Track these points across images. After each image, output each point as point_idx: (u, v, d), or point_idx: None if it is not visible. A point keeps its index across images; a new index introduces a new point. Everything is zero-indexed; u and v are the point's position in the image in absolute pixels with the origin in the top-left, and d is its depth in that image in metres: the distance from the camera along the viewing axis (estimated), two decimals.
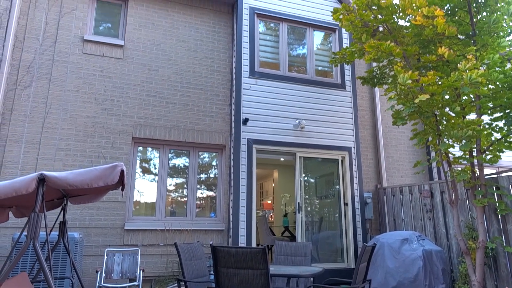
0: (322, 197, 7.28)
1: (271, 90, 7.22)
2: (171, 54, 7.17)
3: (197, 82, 7.21)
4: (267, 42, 7.56)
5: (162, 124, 6.80)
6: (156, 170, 6.78)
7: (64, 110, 6.31)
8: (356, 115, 7.64)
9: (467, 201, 5.73)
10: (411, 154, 8.46)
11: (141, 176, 6.69)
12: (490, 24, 5.38)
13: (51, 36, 6.52)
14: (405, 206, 6.95)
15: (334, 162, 7.40)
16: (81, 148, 6.26)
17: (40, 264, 2.69)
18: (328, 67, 7.90)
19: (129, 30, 7.01)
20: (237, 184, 6.54)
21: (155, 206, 6.61)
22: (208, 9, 7.63)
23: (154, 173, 6.77)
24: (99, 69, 6.67)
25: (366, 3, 5.76)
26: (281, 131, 7.08)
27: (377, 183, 7.93)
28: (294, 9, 7.79)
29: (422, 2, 5.24)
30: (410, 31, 5.91)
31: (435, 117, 5.51)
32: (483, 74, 4.63)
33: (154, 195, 6.66)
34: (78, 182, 2.89)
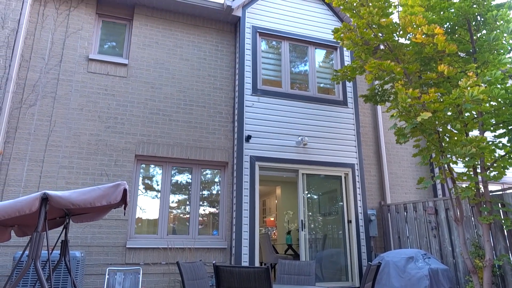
0: (325, 214, 7.22)
1: (274, 107, 7.26)
2: (174, 72, 7.25)
3: (200, 99, 7.27)
4: (269, 60, 7.65)
5: (165, 141, 6.83)
6: (158, 188, 6.76)
7: (68, 128, 6.36)
8: (358, 132, 7.65)
9: (473, 218, 5.67)
10: (415, 170, 8.42)
11: (143, 193, 6.68)
12: (490, 42, 5.43)
13: (56, 56, 6.62)
14: (409, 223, 6.87)
15: (337, 179, 7.37)
16: (84, 166, 6.28)
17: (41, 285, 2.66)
18: (330, 84, 7.96)
19: (133, 49, 7.12)
20: (240, 202, 6.51)
21: (158, 224, 6.57)
22: (211, 28, 7.76)
23: (157, 190, 6.75)
24: (103, 87, 6.75)
25: (366, 22, 5.85)
26: (283, 148, 7.08)
27: (380, 200, 7.88)
28: (295, 28, 7.91)
29: (422, 20, 5.31)
30: (410, 49, 5.97)
31: (438, 134, 5.51)
32: (485, 91, 4.65)
33: (156, 212, 6.63)
34: (81, 201, 2.88)
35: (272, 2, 7.90)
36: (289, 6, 8.02)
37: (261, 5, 7.79)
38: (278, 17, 7.85)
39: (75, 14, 6.91)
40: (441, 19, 5.88)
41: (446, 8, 5.89)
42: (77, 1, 6.98)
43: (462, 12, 5.66)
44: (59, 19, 6.80)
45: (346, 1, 6.06)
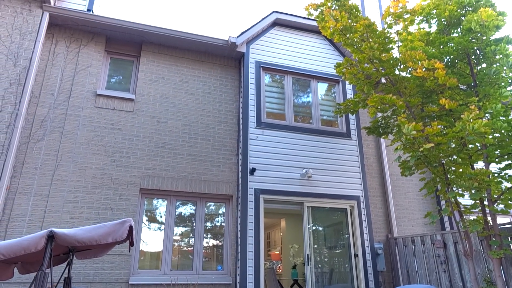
0: (331, 247, 7.09)
1: (278, 140, 7.32)
2: (180, 107, 7.39)
3: (204, 133, 7.36)
4: (273, 94, 7.79)
5: (169, 174, 6.85)
6: (162, 221, 6.72)
7: (74, 162, 6.42)
8: (363, 164, 7.65)
9: (483, 252, 5.55)
10: (421, 202, 8.33)
11: (147, 227, 6.62)
12: (490, 75, 5.52)
13: (65, 92, 6.79)
14: (418, 257, 6.73)
15: (343, 212, 7.30)
16: (88, 200, 6.28)
17: None
18: (333, 116, 8.05)
19: (140, 84, 7.29)
20: (245, 235, 6.43)
21: (161, 258, 6.47)
22: (216, 64, 7.97)
23: (161, 224, 6.70)
24: (110, 122, 6.87)
25: (367, 57, 6.00)
26: (288, 180, 7.07)
27: (387, 232, 7.75)
28: (298, 62, 8.10)
29: (421, 55, 5.44)
30: (412, 82, 6.07)
31: (443, 166, 5.50)
32: (487, 123, 4.69)
33: (160, 246, 6.54)
34: (86, 239, 2.88)
35: (275, 38, 8.15)
36: (292, 41, 8.26)
37: (265, 41, 8.03)
38: (281, 52, 8.07)
39: (85, 52, 7.15)
40: (441, 53, 6.02)
41: (445, 43, 6.04)
42: (87, 39, 7.23)
43: (461, 47, 5.80)
44: (69, 57, 7.02)
45: (347, 37, 6.24)
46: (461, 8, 6.04)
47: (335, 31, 6.16)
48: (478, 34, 5.62)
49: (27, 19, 6.70)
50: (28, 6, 6.78)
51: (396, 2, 6.08)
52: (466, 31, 5.69)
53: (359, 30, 5.99)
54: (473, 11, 5.94)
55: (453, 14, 5.97)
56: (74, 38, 7.18)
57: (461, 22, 6.07)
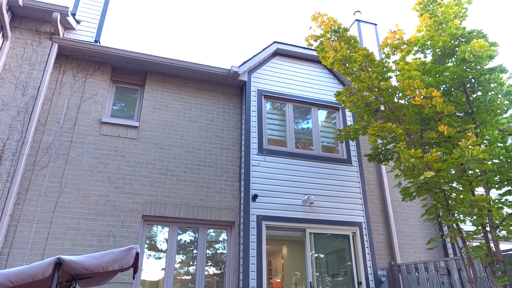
0: (334, 275, 7.02)
1: (279, 167, 7.40)
2: (183, 134, 7.51)
3: (207, 159, 7.44)
4: (274, 121, 7.94)
5: (172, 201, 6.88)
6: (164, 248, 6.69)
7: (77, 189, 6.47)
8: (364, 190, 7.70)
9: (487, 279, 5.51)
10: (423, 228, 8.31)
11: (149, 254, 6.59)
12: (486, 103, 5.68)
13: (71, 119, 6.93)
14: (422, 285, 6.65)
15: (345, 238, 7.28)
16: (91, 227, 6.28)
17: None
18: (333, 143, 8.17)
19: (144, 112, 7.45)
20: (247, 262, 6.39)
21: (162, 286, 6.40)
22: (218, 92, 8.17)
23: (163, 251, 6.67)
24: (114, 149, 6.97)
25: (367, 85, 6.18)
26: (290, 206, 7.10)
27: (390, 259, 7.69)
28: (299, 91, 8.31)
29: (419, 84, 5.62)
30: (410, 110, 6.23)
31: (443, 192, 5.56)
32: (485, 150, 4.79)
33: (161, 273, 6.48)
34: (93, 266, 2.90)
35: (276, 67, 8.39)
36: (292, 70, 8.50)
37: (266, 70, 8.26)
38: (282, 81, 8.28)
39: (91, 81, 7.35)
40: (437, 82, 6.21)
41: (441, 72, 6.25)
42: (94, 69, 7.45)
43: (456, 76, 5.99)
44: (76, 86, 7.21)
45: (346, 66, 6.45)
46: (454, 39, 6.29)
47: (335, 61, 6.37)
48: (472, 63, 5.83)
49: (37, 50, 6.93)
50: (38, 38, 7.04)
51: (393, 33, 6.33)
52: (461, 61, 5.90)
53: (358, 60, 6.20)
54: (466, 42, 6.18)
55: (447, 45, 6.21)
56: (81, 67, 7.40)
57: (455, 52, 6.31)
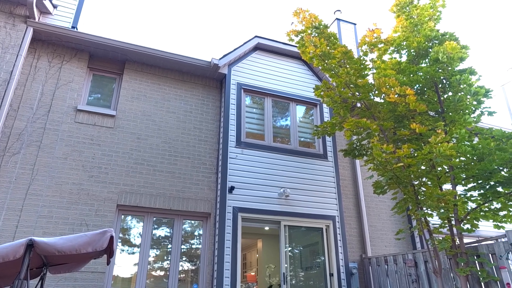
0: (307, 268, 7.17)
1: (257, 160, 7.47)
2: (160, 124, 7.46)
3: (184, 151, 7.43)
4: (253, 114, 8.00)
5: (148, 191, 6.84)
6: (139, 238, 6.65)
7: (50, 177, 6.33)
8: (338, 185, 7.88)
9: (451, 270, 5.78)
10: (393, 223, 8.59)
11: (123, 243, 6.53)
12: (455, 103, 5.94)
13: (45, 106, 6.76)
14: (390, 277, 6.90)
15: (319, 231, 7.44)
16: (63, 216, 6.17)
17: None
18: (310, 138, 8.31)
19: (122, 101, 7.35)
20: (222, 253, 6.44)
21: (136, 276, 6.36)
22: (198, 84, 8.15)
23: (137, 240, 6.63)
24: (90, 137, 6.85)
25: (344, 81, 6.33)
26: (266, 199, 7.19)
27: (362, 252, 7.92)
28: (278, 86, 8.40)
29: (394, 82, 5.81)
30: (385, 107, 6.43)
31: (413, 187, 5.78)
32: (453, 147, 5.03)
33: (135, 263, 6.45)
34: (67, 248, 2.88)
35: (256, 62, 8.44)
36: (272, 65, 8.58)
37: (246, 64, 8.31)
38: (262, 75, 8.35)
39: (67, 67, 7.18)
40: (411, 81, 6.43)
41: (415, 72, 6.47)
42: (70, 55, 7.29)
43: (429, 76, 6.22)
44: (51, 72, 7.04)
45: (325, 62, 6.58)
46: (428, 41, 6.52)
47: (314, 56, 6.49)
48: (445, 64, 6.07)
49: (10, 33, 6.72)
50: (12, 20, 6.82)
51: (372, 32, 6.51)
52: (434, 61, 6.13)
53: (337, 56, 6.34)
54: (439, 43, 6.42)
55: (421, 46, 6.43)
56: (57, 53, 7.22)
57: (428, 53, 6.55)
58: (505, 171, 5.49)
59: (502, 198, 5.51)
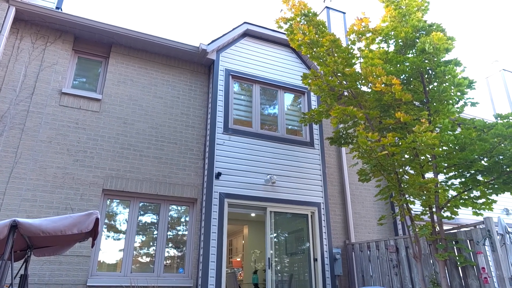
0: (292, 253, 7.30)
1: (244, 146, 7.50)
2: (147, 109, 7.40)
3: (171, 136, 7.40)
4: (241, 101, 8.00)
5: (134, 176, 6.82)
6: (125, 223, 6.64)
7: (34, 160, 6.24)
8: (324, 172, 7.98)
9: (430, 256, 5.97)
10: (377, 211, 8.78)
11: (109, 228, 6.53)
12: (440, 93, 6.05)
13: (28, 88, 6.63)
14: (372, 262, 7.08)
15: (304, 218, 7.56)
16: (48, 199, 6.12)
17: None
18: (297, 126, 8.37)
19: (108, 85, 7.25)
20: (208, 238, 6.50)
21: (122, 260, 6.38)
22: (185, 69, 8.08)
23: (123, 225, 6.63)
24: (75, 121, 6.76)
25: (332, 70, 6.36)
26: (252, 185, 7.24)
27: (345, 239, 8.09)
28: (266, 73, 8.39)
29: (381, 71, 5.87)
30: (371, 96, 6.50)
31: (397, 175, 5.90)
32: (436, 136, 5.13)
33: (121, 248, 6.46)
34: (51, 229, 2.88)
35: (245, 48, 8.40)
36: (261, 52, 8.54)
37: (235, 50, 8.26)
38: (250, 62, 8.32)
39: (51, 49, 7.03)
40: (397, 71, 6.50)
41: (401, 62, 6.54)
42: (54, 37, 7.12)
43: (415, 66, 6.30)
44: (35, 53, 6.88)
45: (314, 51, 6.60)
46: (416, 31, 6.58)
47: (303, 44, 6.49)
48: (431, 55, 6.15)
49: None
50: None
51: (360, 21, 6.53)
52: (420, 51, 6.20)
53: (325, 44, 6.35)
54: (426, 34, 6.49)
55: (409, 36, 6.49)
56: (41, 35, 7.05)
57: (416, 44, 6.61)
58: (485, 160, 5.66)
59: (481, 187, 5.68)
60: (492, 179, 5.63)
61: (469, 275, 5.32)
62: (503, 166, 5.53)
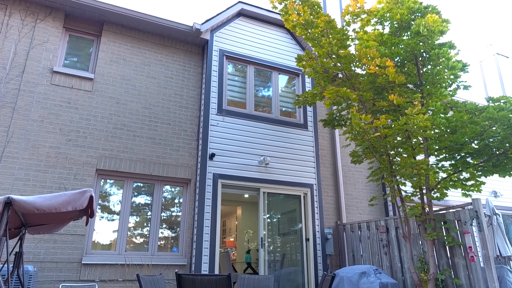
0: (285, 234, 7.42)
1: (238, 128, 7.51)
2: (140, 89, 7.34)
3: (165, 117, 7.37)
4: (235, 82, 7.96)
5: (127, 156, 6.82)
6: (119, 203, 6.68)
7: (26, 140, 6.20)
8: (317, 154, 8.05)
9: (419, 236, 6.12)
10: (368, 192, 8.91)
11: (103, 208, 6.56)
12: (433, 76, 6.07)
13: (19, 66, 6.52)
14: (363, 242, 7.24)
15: (297, 199, 7.65)
16: (41, 179, 6.11)
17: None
18: (291, 108, 8.37)
19: (100, 64, 7.15)
20: (201, 218, 6.57)
21: (116, 239, 6.45)
22: (179, 49, 7.98)
23: (117, 205, 6.66)
24: (67, 100, 6.69)
25: (326, 51, 6.33)
26: (246, 166, 7.29)
27: (337, 219, 8.23)
28: (261, 54, 8.32)
29: (375, 53, 5.86)
30: (365, 78, 6.51)
31: (389, 157, 5.98)
32: (428, 118, 5.19)
33: (115, 228, 6.51)
34: (46, 206, 2.90)
35: (240, 28, 8.30)
36: (256, 33, 8.45)
37: (229, 30, 8.16)
38: (245, 43, 8.24)
39: (41, 27, 6.88)
40: (392, 53, 6.49)
41: (396, 44, 6.52)
42: (44, 14, 6.97)
43: (410, 48, 6.29)
44: (24, 30, 6.73)
45: (308, 32, 6.54)
46: (411, 13, 6.54)
47: (297, 25, 6.43)
48: (425, 38, 6.14)
49: None
50: None
51: (355, 1, 6.47)
52: (415, 34, 6.19)
53: (320, 25, 6.30)
54: (421, 16, 6.46)
55: (404, 18, 6.46)
56: (30, 11, 6.88)
57: (411, 26, 6.58)
58: (475, 143, 5.74)
59: (471, 169, 5.79)
60: (482, 162, 5.73)
61: (456, 254, 5.47)
62: (493, 149, 5.63)
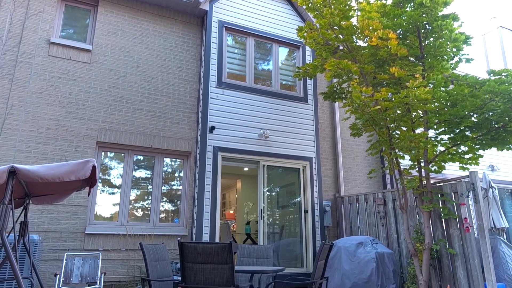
0: (284, 206, 7.55)
1: (237, 101, 7.48)
2: (139, 61, 7.26)
3: (164, 89, 7.33)
4: (235, 55, 7.86)
5: (128, 129, 6.83)
6: (120, 175, 6.75)
7: (26, 112, 6.19)
8: (317, 127, 8.07)
9: (416, 208, 6.23)
10: (367, 166, 8.99)
11: (104, 180, 6.64)
12: (435, 49, 6.00)
13: (15, 37, 6.41)
14: (361, 214, 7.38)
15: (296, 172, 7.74)
16: (42, 151, 6.15)
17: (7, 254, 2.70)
18: (291, 81, 8.31)
19: (98, 35, 7.04)
20: (202, 190, 6.67)
21: (118, 211, 6.57)
22: (178, 20, 7.83)
23: (118, 177, 6.74)
24: (65, 72, 6.63)
25: (328, 23, 6.23)
26: (246, 140, 7.32)
27: (335, 192, 8.35)
28: (261, 25, 8.18)
29: (377, 25, 5.77)
30: (367, 51, 6.43)
31: (388, 130, 6.00)
32: (429, 91, 5.17)
33: (117, 199, 6.62)
34: (49, 175, 2.94)
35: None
36: (256, 3, 8.27)
37: (229, 0, 7.98)
38: (245, 14, 8.08)
39: None
40: (394, 25, 6.38)
41: (399, 15, 6.40)
42: None
43: (412, 20, 6.19)
44: (19, 0, 6.58)
45: (310, 2, 6.41)
46: None
47: None
48: (429, 9, 6.02)
49: None
50: None
51: None
52: (418, 5, 6.06)
53: None
54: None
55: None
56: None
57: None
58: (475, 116, 5.75)
59: (469, 142, 5.82)
60: (481, 135, 5.76)
61: (451, 225, 5.60)
62: (492, 122, 5.65)
